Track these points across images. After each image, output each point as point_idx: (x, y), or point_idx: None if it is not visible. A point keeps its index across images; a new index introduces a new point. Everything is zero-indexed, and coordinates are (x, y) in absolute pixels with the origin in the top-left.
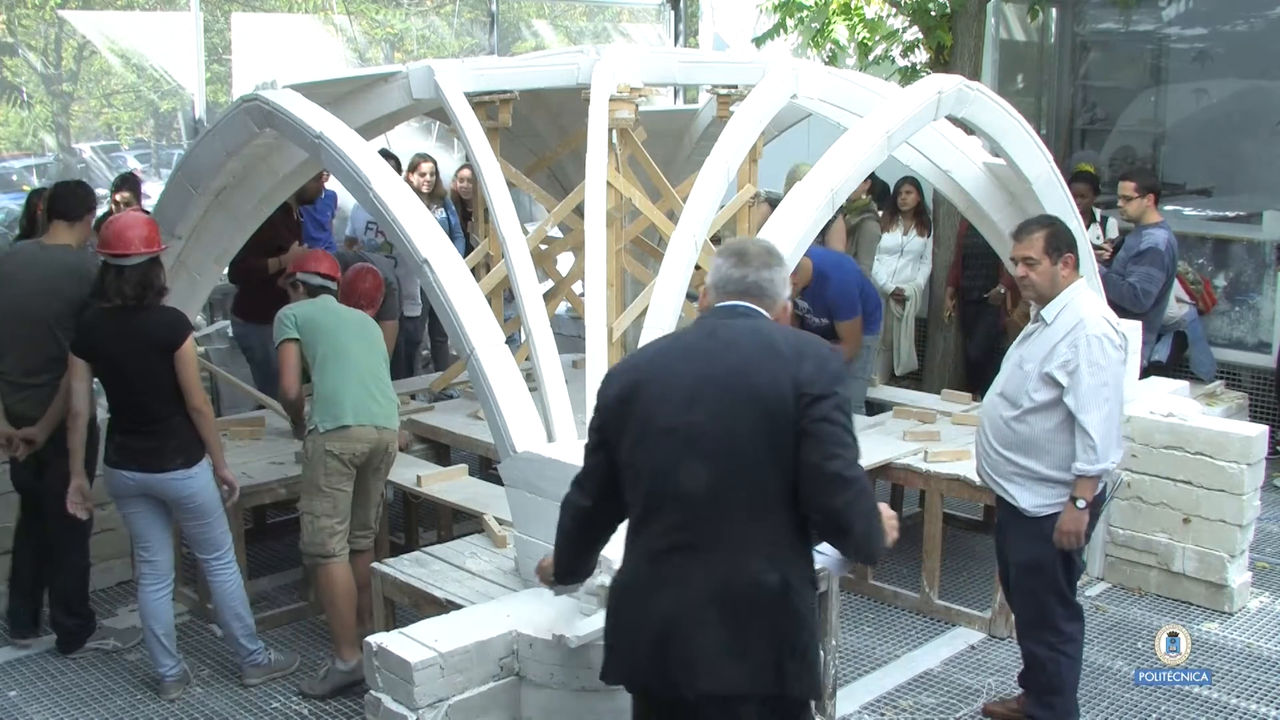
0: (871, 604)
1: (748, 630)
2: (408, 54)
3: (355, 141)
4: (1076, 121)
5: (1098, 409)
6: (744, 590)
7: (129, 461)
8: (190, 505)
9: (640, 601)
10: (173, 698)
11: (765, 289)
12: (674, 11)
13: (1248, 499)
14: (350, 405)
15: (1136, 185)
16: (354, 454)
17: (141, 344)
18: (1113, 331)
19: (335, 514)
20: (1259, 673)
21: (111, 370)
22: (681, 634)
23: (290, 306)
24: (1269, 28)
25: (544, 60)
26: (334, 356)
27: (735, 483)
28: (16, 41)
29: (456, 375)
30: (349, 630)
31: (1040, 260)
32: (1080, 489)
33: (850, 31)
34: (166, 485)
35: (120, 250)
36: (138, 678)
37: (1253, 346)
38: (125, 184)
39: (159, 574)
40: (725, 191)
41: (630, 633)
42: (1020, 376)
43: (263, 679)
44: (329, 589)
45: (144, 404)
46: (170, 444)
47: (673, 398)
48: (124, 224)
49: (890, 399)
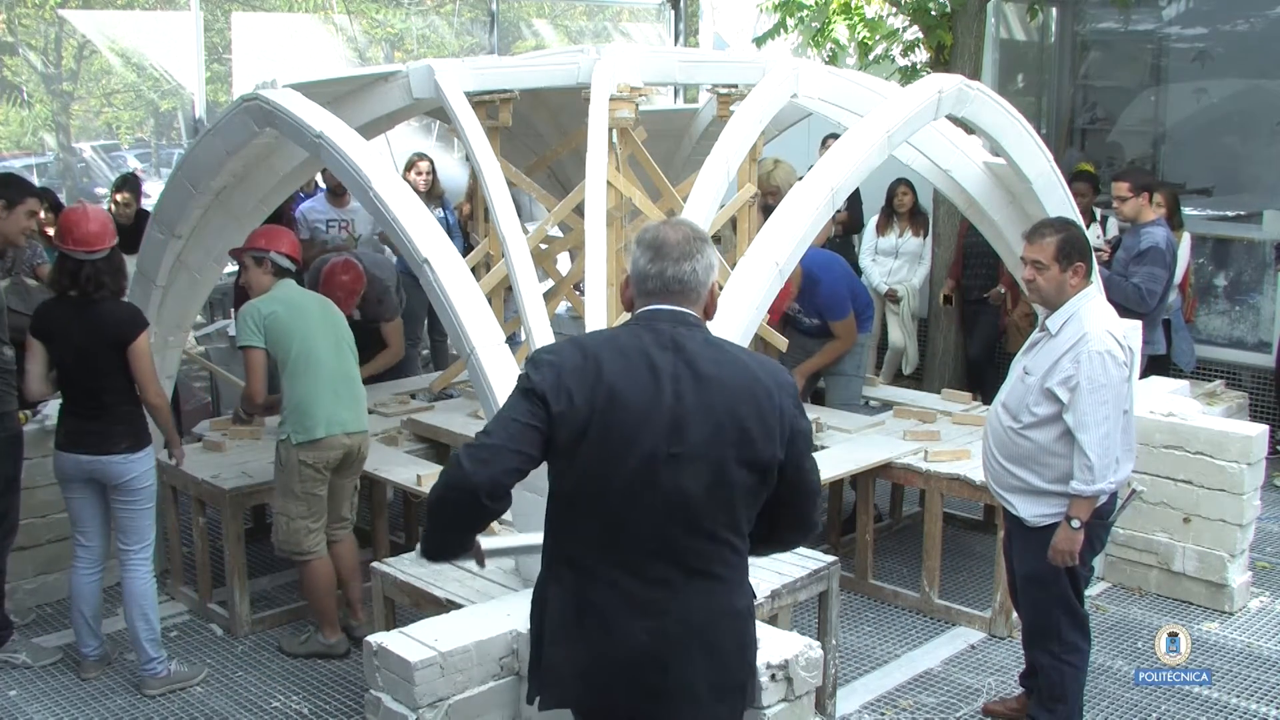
0: (871, 604)
1: (726, 655)
2: (408, 53)
3: (355, 141)
4: (1076, 121)
5: (1096, 428)
6: (721, 619)
7: (76, 446)
8: (128, 488)
9: (605, 628)
10: (91, 676)
11: (687, 281)
12: (674, 11)
13: (1248, 499)
14: (322, 417)
15: (1130, 185)
16: (327, 462)
17: (95, 337)
18: (1117, 346)
19: (309, 515)
20: (1259, 673)
21: (65, 358)
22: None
23: (254, 303)
24: (1269, 28)
25: (544, 60)
26: (304, 362)
27: (715, 513)
28: (16, 41)
29: (456, 375)
30: (331, 615)
31: (1049, 266)
32: (1075, 509)
33: (850, 31)
34: (109, 466)
35: (81, 244)
36: (138, 678)
37: (1253, 346)
38: (125, 184)
39: (92, 558)
40: (725, 191)
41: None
42: (1022, 389)
43: (161, 690)
44: (310, 583)
45: (94, 393)
46: (116, 428)
47: (656, 422)
48: (79, 216)
49: (890, 399)
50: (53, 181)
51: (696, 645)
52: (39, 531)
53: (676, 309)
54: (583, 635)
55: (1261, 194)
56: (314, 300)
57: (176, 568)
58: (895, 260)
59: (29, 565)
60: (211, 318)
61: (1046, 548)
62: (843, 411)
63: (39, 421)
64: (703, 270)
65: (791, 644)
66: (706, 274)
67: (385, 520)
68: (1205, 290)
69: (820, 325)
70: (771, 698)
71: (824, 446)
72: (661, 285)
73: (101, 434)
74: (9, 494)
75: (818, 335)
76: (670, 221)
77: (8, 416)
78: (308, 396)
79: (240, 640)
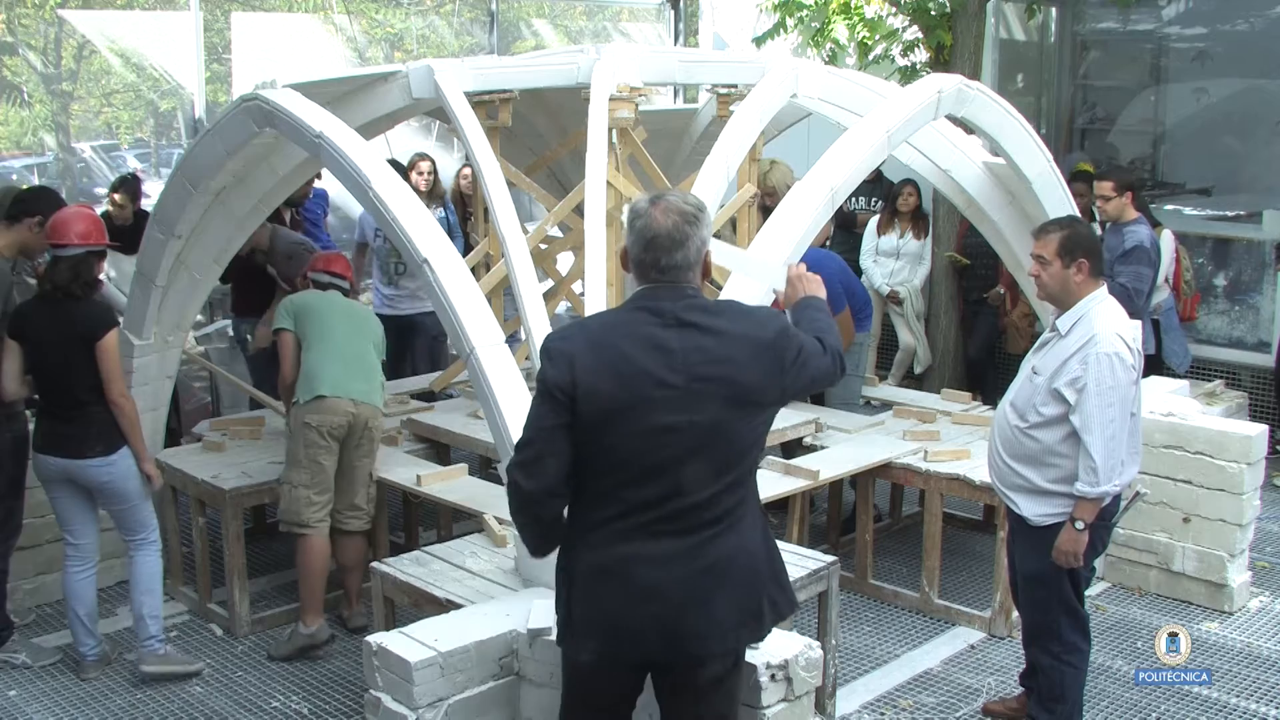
0: (871, 604)
1: (744, 588)
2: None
3: (355, 141)
4: (1076, 121)
5: (1102, 430)
6: (738, 558)
7: (53, 448)
8: (109, 490)
9: (634, 581)
10: (91, 677)
11: (679, 266)
12: (674, 11)
13: (1248, 498)
14: (327, 378)
15: (1114, 184)
16: (331, 426)
17: (66, 333)
18: (1125, 349)
19: (313, 485)
20: (1259, 672)
21: (39, 356)
22: (685, 606)
23: (292, 295)
24: (1269, 28)
25: (544, 60)
26: (318, 337)
27: (731, 467)
28: (16, 41)
29: (456, 375)
30: (316, 600)
31: (1052, 261)
32: (1080, 510)
33: (850, 31)
34: (87, 472)
35: (57, 240)
36: (138, 678)
37: (1253, 346)
38: (122, 185)
39: (83, 556)
40: (725, 191)
41: (622, 607)
42: (1030, 389)
43: (156, 668)
44: (304, 559)
45: (66, 390)
46: (91, 431)
47: (672, 395)
48: (64, 216)
49: (890, 399)
50: (52, 181)
51: (716, 584)
52: (39, 531)
53: (674, 286)
54: (613, 590)
55: (1261, 194)
56: (353, 303)
57: (176, 568)
58: (896, 261)
59: (29, 565)
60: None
61: (1049, 547)
62: (842, 411)
63: None
64: (694, 252)
65: (791, 644)
66: (698, 254)
67: (385, 520)
68: (1205, 290)
69: None
70: (771, 698)
71: (824, 446)
72: (656, 273)
73: (77, 437)
74: (13, 495)
75: None
76: (661, 203)
77: (13, 418)
78: (317, 363)
79: (240, 640)
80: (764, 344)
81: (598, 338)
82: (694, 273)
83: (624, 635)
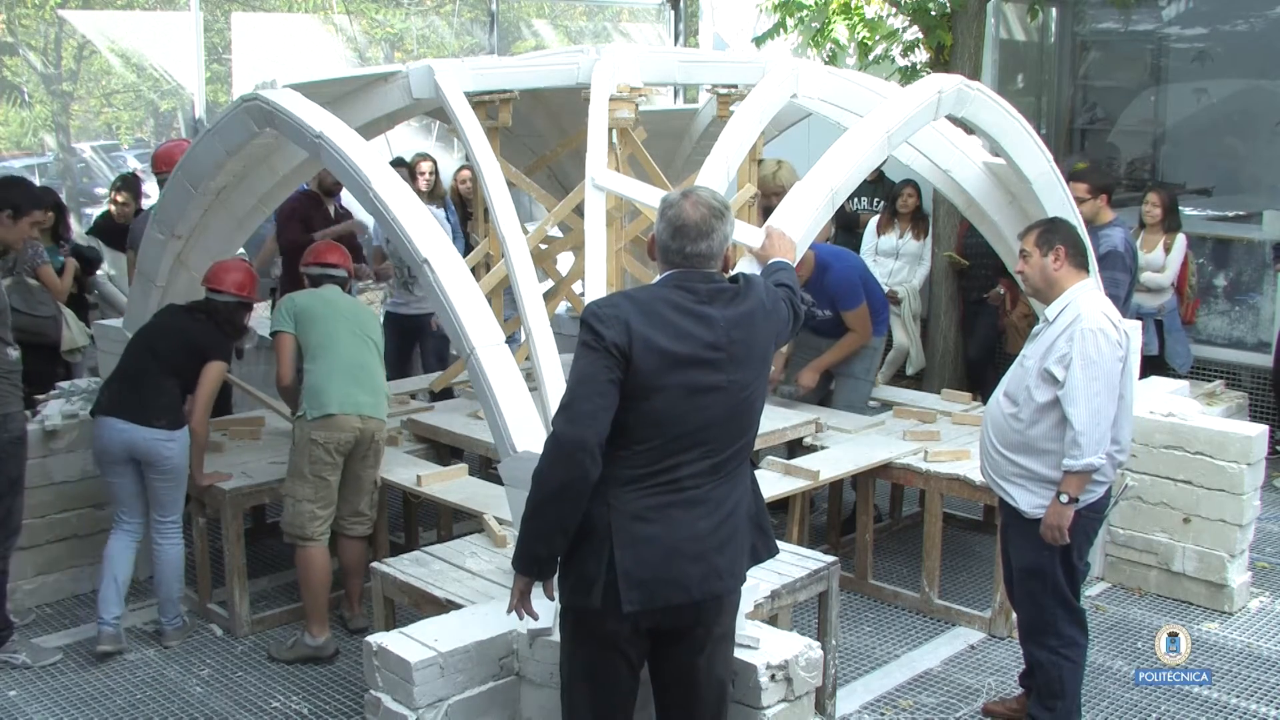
0: (871, 604)
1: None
2: (408, 54)
3: (355, 141)
4: (1076, 121)
5: (1086, 403)
6: (744, 497)
7: (119, 410)
8: (166, 466)
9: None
10: (106, 650)
11: (704, 255)
12: (674, 11)
13: (1248, 499)
14: (335, 395)
15: (1089, 186)
16: (339, 443)
17: (189, 335)
18: (1110, 327)
19: (317, 500)
20: (1259, 673)
21: (151, 335)
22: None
23: (290, 295)
24: (1269, 28)
25: (544, 60)
26: (323, 347)
27: (752, 422)
28: (16, 41)
29: (456, 375)
30: (321, 610)
31: (1032, 253)
32: (1066, 484)
33: (850, 31)
34: (151, 445)
35: (212, 285)
36: (138, 678)
37: (1253, 346)
38: (125, 184)
39: (132, 531)
40: (725, 191)
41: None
42: (1020, 374)
43: (179, 641)
44: (306, 570)
45: (154, 372)
46: (160, 401)
47: (713, 359)
48: (224, 265)
49: (890, 399)
50: (53, 181)
51: (732, 530)
52: (39, 532)
53: (703, 271)
54: (657, 537)
55: (1261, 194)
56: (348, 300)
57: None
58: (896, 261)
59: (29, 565)
60: None
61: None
62: (843, 412)
63: (39, 423)
64: (719, 243)
65: (791, 644)
66: (722, 245)
67: (385, 520)
68: (1205, 291)
69: (833, 320)
70: (772, 698)
71: (824, 446)
72: (682, 259)
73: (141, 405)
74: (12, 495)
75: (830, 334)
76: (692, 196)
77: (11, 417)
78: (324, 376)
79: (240, 640)
80: (768, 309)
81: (644, 305)
82: (717, 262)
83: (668, 581)
